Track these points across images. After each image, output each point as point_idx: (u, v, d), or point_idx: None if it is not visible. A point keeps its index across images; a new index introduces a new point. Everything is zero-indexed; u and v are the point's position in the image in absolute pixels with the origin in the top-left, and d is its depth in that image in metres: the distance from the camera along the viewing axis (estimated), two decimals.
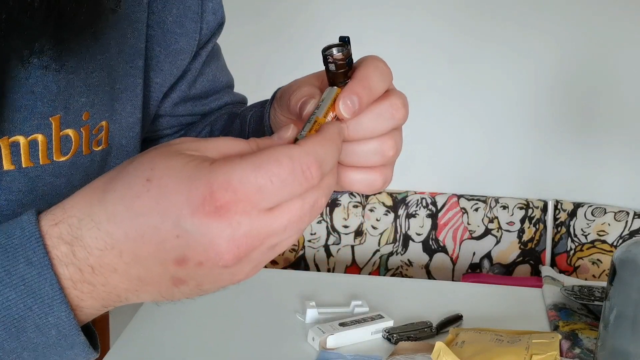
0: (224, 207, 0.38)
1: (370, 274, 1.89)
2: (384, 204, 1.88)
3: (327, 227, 1.88)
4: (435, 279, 1.86)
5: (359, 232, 1.88)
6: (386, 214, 1.88)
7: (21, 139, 0.54)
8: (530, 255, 1.87)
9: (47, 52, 0.50)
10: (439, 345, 0.92)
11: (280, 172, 0.39)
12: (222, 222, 0.38)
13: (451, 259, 1.88)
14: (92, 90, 0.57)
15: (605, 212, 1.83)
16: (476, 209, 1.87)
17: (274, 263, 1.89)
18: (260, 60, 1.80)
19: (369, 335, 1.04)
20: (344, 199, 1.88)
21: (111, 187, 0.41)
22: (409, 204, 1.88)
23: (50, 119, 0.55)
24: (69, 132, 0.56)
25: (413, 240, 1.88)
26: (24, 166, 0.54)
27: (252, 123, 0.67)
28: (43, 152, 0.55)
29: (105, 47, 0.58)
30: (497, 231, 1.87)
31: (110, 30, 0.58)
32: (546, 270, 1.39)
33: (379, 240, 1.88)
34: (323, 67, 0.50)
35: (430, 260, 1.89)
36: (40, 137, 0.54)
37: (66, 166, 0.57)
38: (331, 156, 0.42)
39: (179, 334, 1.05)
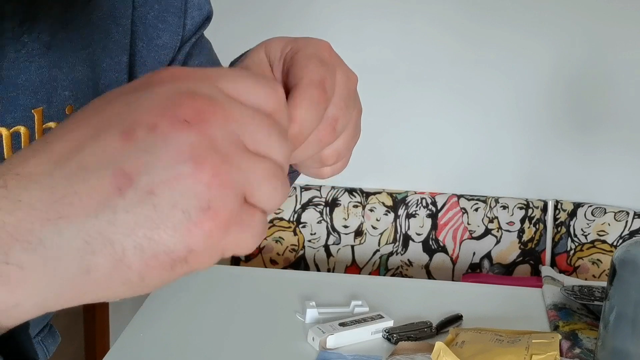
0: (183, 77, 0.32)
1: (370, 274, 1.89)
2: (384, 204, 1.88)
3: (327, 227, 1.88)
4: (435, 279, 1.86)
5: (359, 232, 1.88)
6: (386, 214, 1.88)
7: (3, 131, 0.54)
8: (530, 255, 1.87)
9: (30, 43, 0.50)
10: (439, 345, 0.92)
11: (248, 72, 0.34)
12: (181, 81, 0.31)
13: (451, 259, 1.89)
14: (76, 85, 0.58)
15: (605, 212, 1.83)
16: (476, 209, 1.87)
17: (274, 263, 1.89)
18: None
19: (369, 335, 1.04)
20: (344, 199, 1.88)
21: None
22: (409, 204, 1.88)
23: (32, 111, 0.55)
24: (52, 125, 0.56)
25: (413, 240, 1.88)
26: (6, 157, 0.54)
27: None
28: (26, 145, 0.55)
29: (89, 42, 0.58)
30: (497, 231, 1.87)
31: (94, 26, 0.59)
32: (546, 270, 1.39)
33: (379, 240, 1.89)
34: None
35: (430, 260, 1.89)
36: (22, 130, 0.55)
37: None
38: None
39: (179, 334, 1.05)
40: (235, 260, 1.88)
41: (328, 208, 1.88)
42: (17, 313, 0.30)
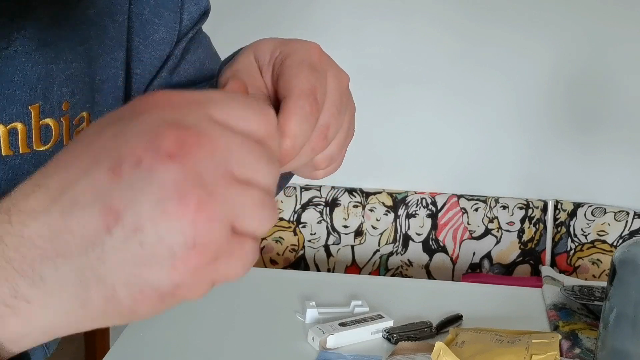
0: (170, 104, 0.31)
1: (370, 274, 1.89)
2: (384, 204, 1.88)
3: (327, 227, 1.88)
4: (435, 279, 1.86)
5: (359, 232, 1.88)
6: (386, 214, 1.88)
7: (0, 128, 0.54)
8: (530, 255, 1.87)
9: (26, 39, 0.50)
10: (439, 345, 0.92)
11: (238, 96, 0.34)
12: (167, 109, 0.31)
13: (451, 259, 1.89)
14: (72, 81, 0.58)
15: (605, 212, 1.83)
16: (476, 209, 1.87)
17: (274, 263, 1.89)
18: None
19: (369, 335, 1.04)
20: (344, 199, 1.88)
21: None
22: (409, 204, 1.88)
23: (29, 107, 0.55)
24: (49, 121, 0.56)
25: (413, 240, 1.88)
26: (3, 154, 0.54)
27: None
28: (23, 141, 0.55)
29: (85, 38, 0.58)
30: (497, 231, 1.87)
31: (91, 22, 0.59)
32: (546, 270, 1.39)
33: (379, 240, 1.88)
34: None
35: (430, 260, 1.89)
36: (19, 126, 0.55)
37: (47, 156, 0.57)
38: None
39: (179, 334, 1.05)
40: None
41: (328, 208, 1.88)
42: (25, 342, 0.32)
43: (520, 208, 1.86)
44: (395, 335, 1.03)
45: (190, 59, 0.70)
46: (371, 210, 1.88)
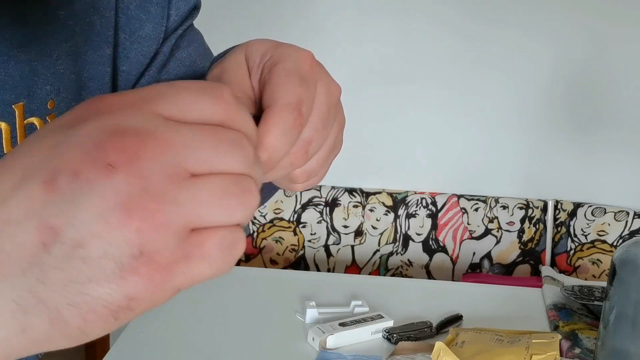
0: (112, 108, 0.29)
1: (370, 274, 1.89)
2: (384, 204, 1.88)
3: (327, 227, 1.88)
4: (435, 279, 1.86)
5: (359, 232, 1.88)
6: (386, 214, 1.88)
7: None
8: (530, 255, 1.87)
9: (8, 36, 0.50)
10: (439, 345, 0.92)
11: (187, 84, 0.31)
12: (105, 117, 0.29)
13: (451, 259, 1.89)
14: (58, 78, 0.57)
15: (605, 212, 1.83)
16: (476, 209, 1.87)
17: (274, 263, 1.89)
18: None
19: (369, 335, 1.04)
20: (344, 199, 1.88)
21: None
22: (409, 204, 1.88)
23: (13, 106, 0.54)
24: (34, 120, 0.55)
25: (413, 240, 1.88)
26: None
27: None
28: (7, 141, 0.54)
29: (71, 34, 0.57)
30: (497, 231, 1.87)
31: (77, 18, 0.58)
32: (546, 270, 1.39)
33: (379, 240, 1.89)
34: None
35: (430, 260, 1.89)
36: (3, 125, 0.54)
37: None
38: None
39: (179, 334, 1.05)
40: None
41: (328, 208, 1.88)
42: None
43: (520, 208, 1.86)
44: (395, 335, 1.03)
45: (179, 56, 0.68)
46: (371, 210, 1.88)
